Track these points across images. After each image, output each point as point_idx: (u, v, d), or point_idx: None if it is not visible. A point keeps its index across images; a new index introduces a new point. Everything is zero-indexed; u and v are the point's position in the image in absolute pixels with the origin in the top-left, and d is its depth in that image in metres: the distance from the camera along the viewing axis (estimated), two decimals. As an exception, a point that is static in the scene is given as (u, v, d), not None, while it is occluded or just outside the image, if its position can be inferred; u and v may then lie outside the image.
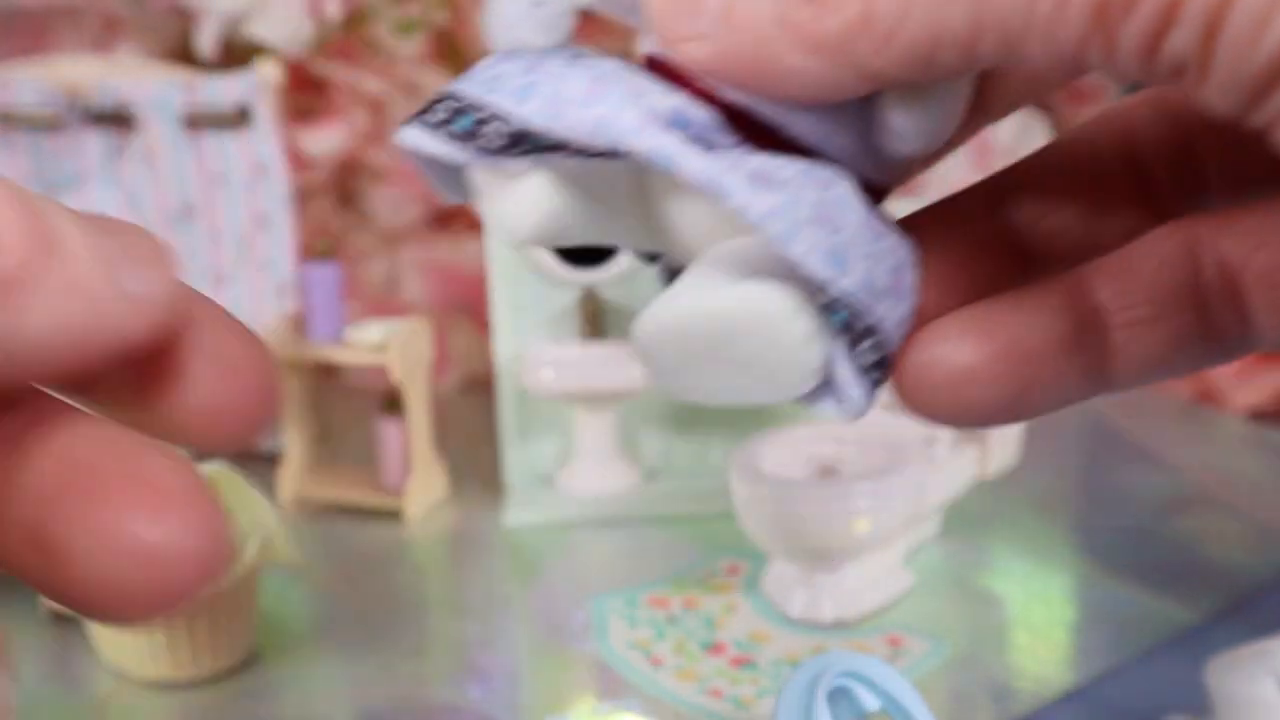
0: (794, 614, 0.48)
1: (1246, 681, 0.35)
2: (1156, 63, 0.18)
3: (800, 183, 0.24)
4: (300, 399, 0.60)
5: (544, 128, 0.25)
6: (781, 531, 0.47)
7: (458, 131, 0.25)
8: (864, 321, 0.24)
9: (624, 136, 0.24)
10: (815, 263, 0.23)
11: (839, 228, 0.24)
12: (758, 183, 0.24)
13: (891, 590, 0.49)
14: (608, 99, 0.24)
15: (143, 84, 0.62)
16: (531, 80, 0.25)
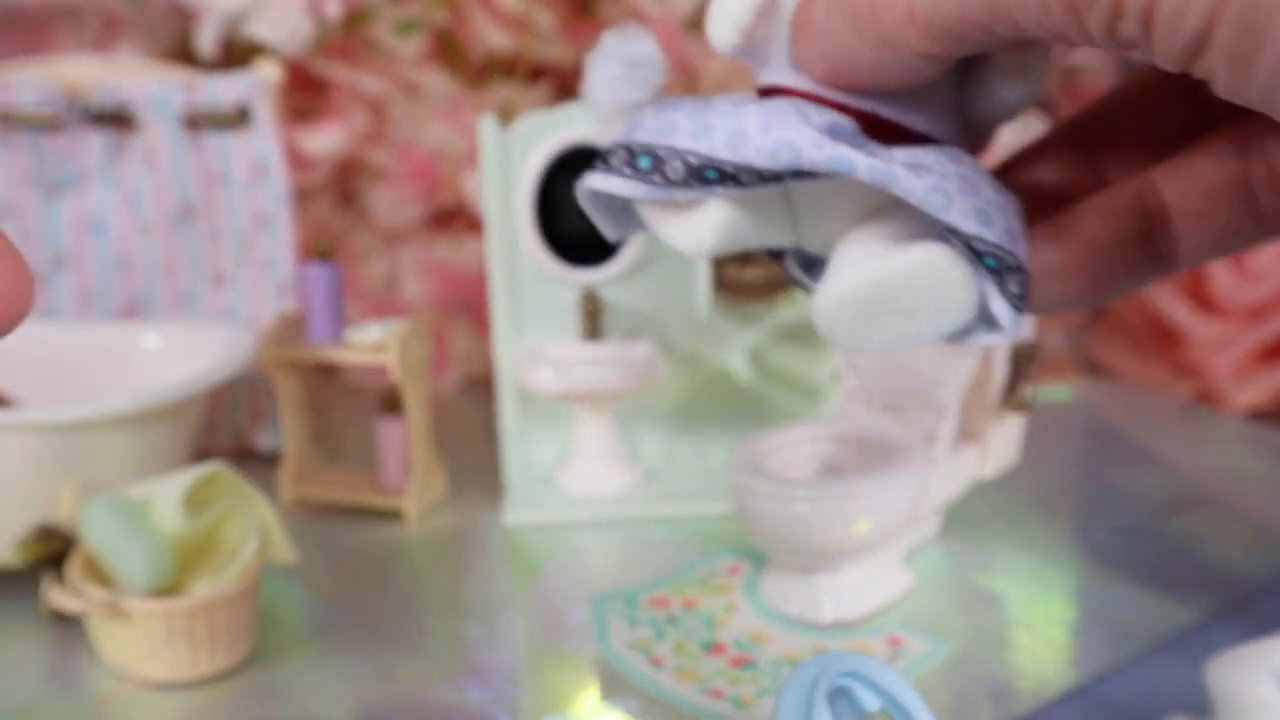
0: (793, 614, 0.48)
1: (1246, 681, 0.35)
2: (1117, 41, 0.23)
3: (942, 164, 0.31)
4: (300, 399, 0.60)
5: (728, 157, 0.31)
6: (781, 531, 0.47)
7: (641, 169, 0.32)
8: (1010, 261, 0.31)
9: (805, 151, 0.30)
10: (970, 224, 0.30)
11: (978, 192, 0.31)
12: (913, 170, 0.30)
13: (891, 590, 0.49)
14: (784, 124, 0.31)
15: (143, 84, 0.62)
16: (707, 121, 0.32)
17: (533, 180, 0.57)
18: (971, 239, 0.31)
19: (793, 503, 0.46)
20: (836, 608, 0.48)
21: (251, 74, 0.62)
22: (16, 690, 0.45)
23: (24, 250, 0.65)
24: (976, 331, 0.32)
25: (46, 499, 0.48)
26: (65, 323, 0.61)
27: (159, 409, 0.49)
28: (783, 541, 0.47)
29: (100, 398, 0.48)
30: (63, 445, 0.47)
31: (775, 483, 0.47)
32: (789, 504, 0.46)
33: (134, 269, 0.65)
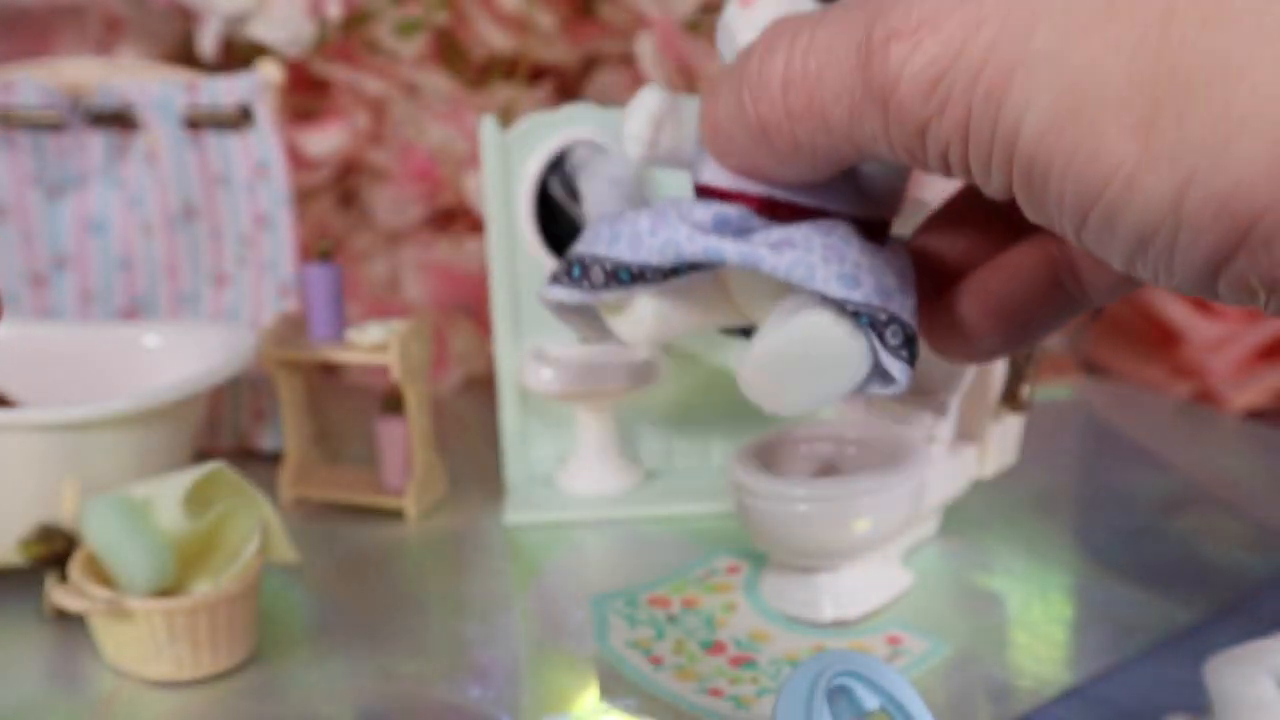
0: (792, 613, 0.48)
1: (1245, 680, 0.35)
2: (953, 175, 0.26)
3: (809, 239, 0.34)
4: (301, 399, 0.60)
5: (630, 259, 0.36)
6: (780, 531, 0.47)
7: (573, 278, 0.37)
8: (883, 315, 0.34)
9: (681, 247, 0.35)
10: (833, 288, 0.34)
11: (844, 258, 0.34)
12: (778, 248, 0.34)
13: (891, 589, 0.49)
14: (665, 225, 0.35)
15: (145, 85, 0.62)
16: (617, 229, 0.36)
17: (533, 181, 0.57)
18: (841, 302, 0.34)
19: (792, 503, 0.46)
20: (836, 607, 0.48)
21: (253, 75, 0.62)
22: (19, 689, 0.45)
23: (26, 250, 0.65)
24: (873, 383, 0.35)
25: (48, 499, 0.48)
26: (67, 323, 0.61)
27: (160, 409, 0.49)
28: (782, 541, 0.47)
29: (102, 398, 0.48)
30: (65, 445, 0.47)
31: (774, 482, 0.47)
32: (788, 504, 0.46)
33: (135, 269, 0.65)
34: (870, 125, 0.26)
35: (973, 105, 0.23)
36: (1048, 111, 0.22)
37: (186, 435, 0.52)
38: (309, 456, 0.61)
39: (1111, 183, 0.21)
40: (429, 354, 0.59)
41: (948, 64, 0.24)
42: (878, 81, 0.25)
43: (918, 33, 0.24)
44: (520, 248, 0.57)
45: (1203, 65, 0.20)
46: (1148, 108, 0.21)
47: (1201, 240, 0.21)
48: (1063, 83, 0.22)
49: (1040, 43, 0.22)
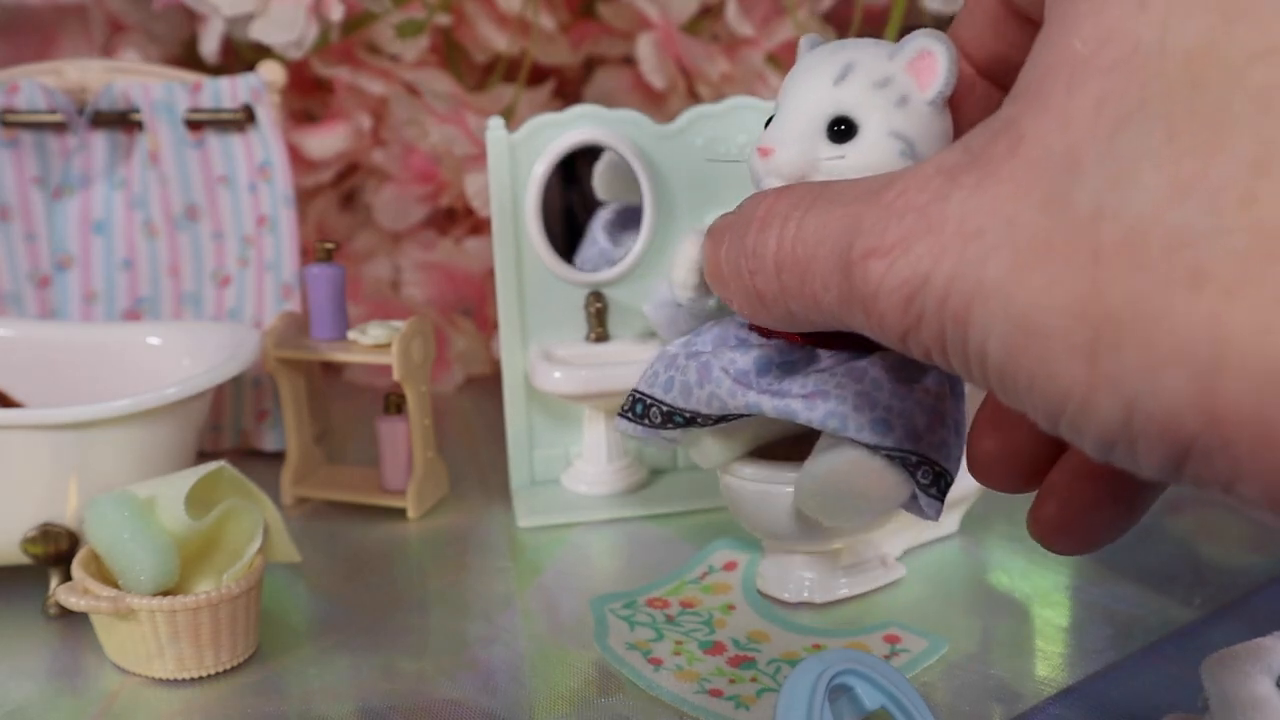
0: (785, 599, 0.49)
1: (1242, 679, 0.35)
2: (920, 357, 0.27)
3: (842, 385, 0.38)
4: (303, 399, 0.60)
5: (684, 406, 0.41)
6: (764, 515, 0.47)
7: (637, 414, 0.42)
8: (913, 459, 0.37)
9: (724, 402, 0.40)
10: (865, 435, 0.37)
11: (875, 404, 0.38)
12: (809, 400, 0.38)
13: (873, 581, 0.50)
14: (710, 379, 0.40)
15: (147, 86, 0.62)
16: (670, 375, 0.42)
17: (538, 182, 0.57)
18: (874, 449, 0.37)
19: (781, 485, 0.47)
20: (801, 589, 0.49)
21: (255, 76, 0.62)
22: (21, 687, 0.45)
23: (30, 251, 0.65)
24: (914, 510, 0.39)
25: (51, 498, 0.48)
26: (70, 323, 0.62)
27: (163, 409, 0.49)
28: (767, 525, 0.48)
29: (105, 398, 0.48)
30: (67, 444, 0.47)
31: (758, 466, 0.47)
32: (775, 486, 0.47)
33: (138, 270, 0.65)
34: (857, 320, 0.28)
35: (944, 325, 0.25)
36: (1005, 340, 0.24)
37: (189, 435, 0.52)
38: (311, 456, 0.61)
39: (1069, 404, 0.23)
40: (430, 354, 0.59)
41: (919, 285, 0.25)
42: (859, 292, 0.27)
43: (891, 253, 0.26)
44: (526, 248, 0.58)
45: (1127, 306, 0.22)
46: (1089, 340, 0.22)
47: (1155, 451, 0.22)
48: (1014, 314, 0.23)
49: (992, 276, 0.24)
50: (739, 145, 0.58)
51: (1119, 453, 0.23)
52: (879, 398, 0.38)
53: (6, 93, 0.62)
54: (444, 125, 0.71)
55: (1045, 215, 0.23)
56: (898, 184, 0.26)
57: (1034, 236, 0.23)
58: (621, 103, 0.74)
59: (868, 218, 0.27)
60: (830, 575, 0.49)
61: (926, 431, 0.38)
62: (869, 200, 0.27)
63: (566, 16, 0.77)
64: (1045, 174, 0.23)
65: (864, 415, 0.38)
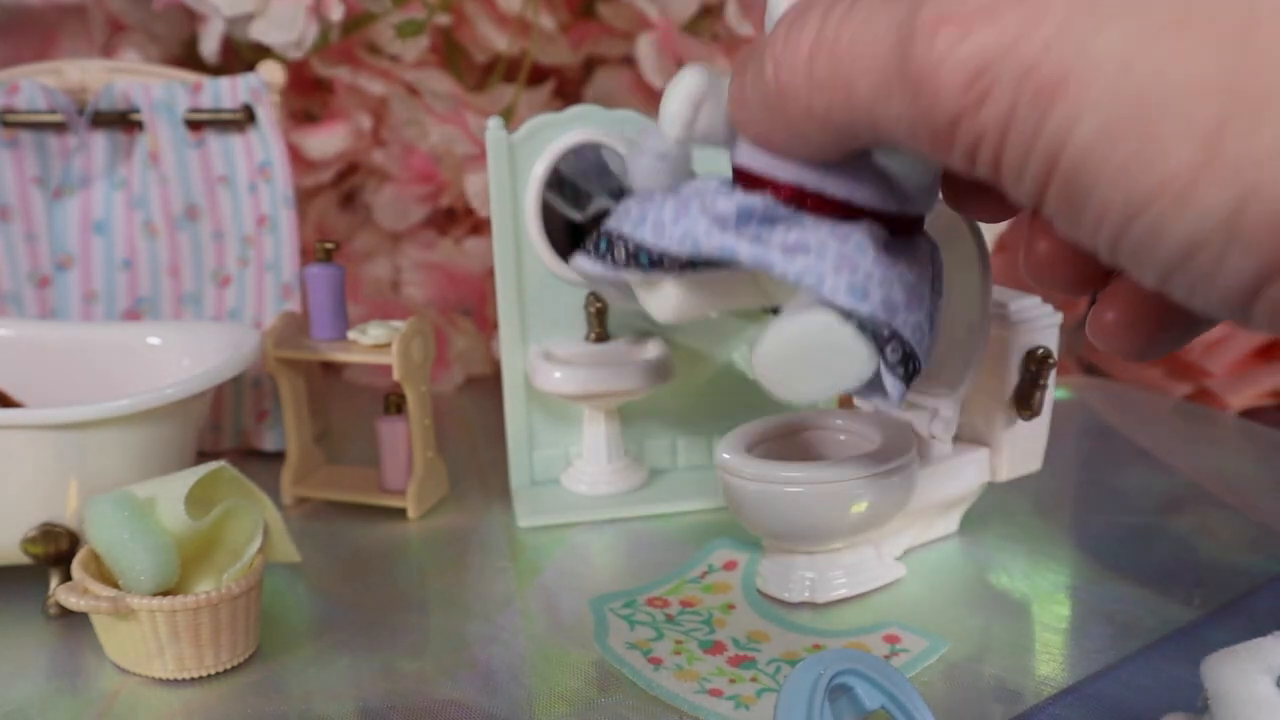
0: (785, 598, 0.49)
1: (1242, 678, 0.35)
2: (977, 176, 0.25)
3: (824, 243, 0.35)
4: (303, 398, 0.60)
5: (652, 243, 0.38)
6: (765, 514, 0.47)
7: (599, 252, 0.39)
8: (885, 331, 0.35)
9: (698, 241, 0.36)
10: (841, 298, 0.34)
11: (856, 268, 0.35)
12: (790, 252, 0.35)
13: (872, 581, 0.50)
14: (688, 215, 0.37)
15: (148, 86, 0.62)
16: (644, 211, 0.38)
17: (538, 182, 0.57)
18: (845, 310, 0.35)
19: (781, 485, 0.47)
20: (803, 589, 0.49)
21: (255, 76, 0.62)
22: (21, 686, 0.45)
23: (30, 251, 0.65)
24: (874, 395, 0.37)
25: (51, 498, 0.48)
26: (70, 323, 0.62)
27: (163, 408, 0.49)
28: (767, 525, 0.48)
29: (105, 398, 0.48)
30: (68, 444, 0.47)
31: (759, 465, 0.47)
32: (775, 485, 0.47)
33: (138, 270, 0.65)
34: (897, 106, 0.25)
35: (1018, 103, 0.23)
36: (1105, 117, 0.21)
37: (189, 435, 0.52)
38: (311, 456, 0.61)
39: (1166, 193, 0.21)
40: (430, 354, 0.59)
41: (998, 55, 0.23)
42: (917, 62, 0.24)
43: (971, 20, 0.23)
44: (526, 248, 0.58)
45: (1279, 79, 0.20)
46: (1218, 117, 0.20)
47: (1252, 256, 0.20)
48: (1127, 88, 0.21)
49: (1105, 46, 0.21)
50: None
51: (1198, 263, 0.21)
52: (860, 262, 0.35)
53: (7, 93, 0.62)
54: (444, 125, 0.71)
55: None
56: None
57: (1174, 8, 0.21)
58: (621, 103, 0.74)
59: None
60: (830, 575, 0.49)
61: (904, 308, 0.36)
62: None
63: (566, 16, 0.77)
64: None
65: (842, 277, 0.35)
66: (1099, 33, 0.22)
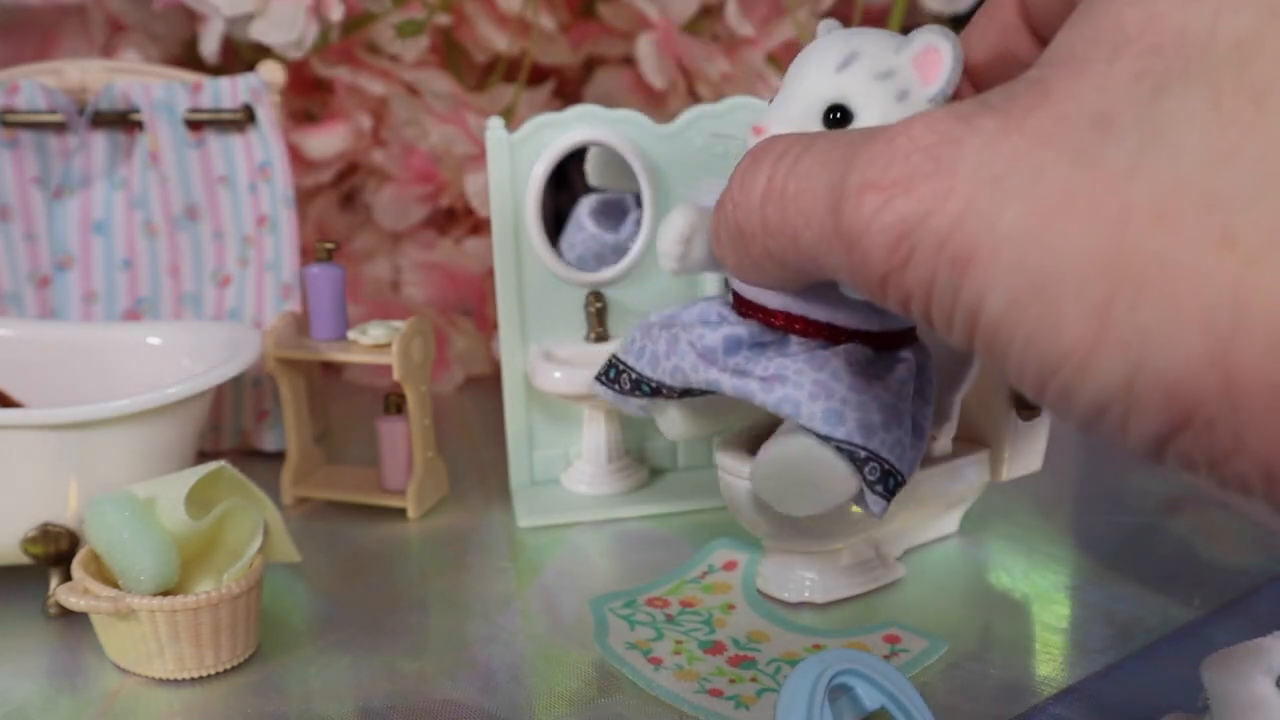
0: (785, 598, 0.49)
1: (1242, 678, 0.35)
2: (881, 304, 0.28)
3: (801, 374, 0.38)
4: (303, 399, 0.60)
5: (650, 375, 0.42)
6: (771, 514, 0.47)
7: (609, 379, 0.45)
8: (862, 454, 0.37)
9: (687, 375, 0.40)
10: (818, 425, 0.37)
11: (831, 394, 0.38)
12: (768, 384, 0.38)
13: (872, 582, 0.50)
14: (676, 352, 0.41)
15: (148, 86, 0.62)
16: (643, 344, 0.43)
17: (538, 182, 0.57)
18: (823, 436, 0.38)
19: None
20: (802, 589, 0.49)
21: (255, 76, 0.62)
22: (22, 687, 0.45)
23: (30, 251, 0.65)
24: (863, 504, 0.40)
25: (51, 498, 0.48)
26: (70, 323, 0.62)
27: (164, 409, 0.49)
28: (766, 525, 0.48)
29: (105, 398, 0.48)
30: (68, 444, 0.47)
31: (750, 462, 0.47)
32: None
33: (138, 270, 0.65)
34: (835, 258, 0.28)
35: (937, 270, 0.25)
36: (1011, 289, 0.23)
37: (190, 435, 0.52)
38: (311, 456, 0.61)
39: (1069, 361, 0.23)
40: (430, 354, 0.59)
41: (915, 224, 0.25)
42: (846, 223, 0.26)
43: (890, 190, 0.25)
44: (526, 248, 0.58)
45: (1152, 264, 0.22)
46: (1105, 294, 0.22)
47: (1150, 418, 0.22)
48: (1028, 263, 0.23)
49: (1008, 225, 0.23)
50: (738, 145, 0.58)
51: (1109, 419, 0.23)
52: (835, 388, 0.38)
53: (7, 93, 0.62)
54: (444, 125, 0.71)
55: (1075, 169, 0.23)
56: (905, 126, 0.26)
57: (1061, 188, 0.23)
58: (621, 103, 0.74)
59: (867, 153, 0.26)
60: (831, 575, 0.49)
61: (881, 428, 0.38)
62: (872, 138, 0.27)
63: (566, 16, 0.77)
64: (1075, 130, 0.23)
65: (818, 404, 0.38)
66: (1000, 211, 0.24)
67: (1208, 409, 0.21)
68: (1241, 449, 0.21)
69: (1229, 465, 0.22)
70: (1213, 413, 0.21)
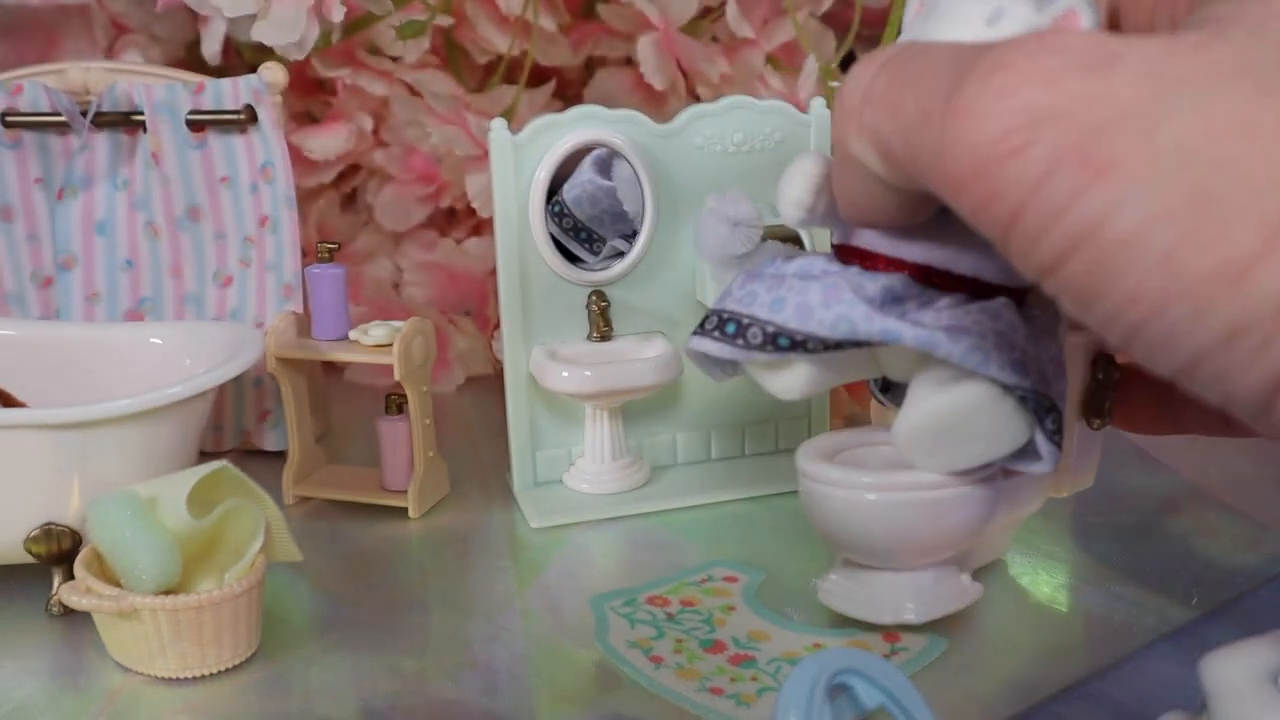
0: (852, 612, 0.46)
1: (1240, 678, 0.35)
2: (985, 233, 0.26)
3: (981, 324, 0.36)
4: (304, 399, 0.61)
5: (796, 327, 0.38)
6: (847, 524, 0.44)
7: (728, 334, 0.40)
8: (1044, 403, 0.37)
9: (860, 325, 0.37)
10: (1006, 375, 0.36)
11: (1013, 345, 0.36)
12: (953, 333, 0.36)
13: (958, 600, 0.46)
14: (841, 300, 0.37)
15: (150, 87, 0.62)
16: (780, 295, 0.39)
17: (542, 183, 0.57)
18: (1009, 387, 0.36)
19: (861, 491, 0.43)
20: (895, 611, 0.45)
21: (257, 77, 0.62)
22: (24, 685, 0.45)
23: (33, 252, 0.65)
24: (1024, 462, 0.39)
25: (54, 497, 0.48)
26: (73, 323, 0.62)
27: (166, 408, 0.49)
28: (846, 535, 0.44)
29: (108, 398, 0.48)
30: (70, 444, 0.48)
31: (845, 471, 0.43)
32: (858, 493, 0.43)
33: (140, 270, 0.65)
34: (931, 134, 0.25)
35: (1056, 171, 0.22)
36: (1160, 201, 0.21)
37: (191, 435, 0.52)
38: (312, 456, 0.61)
39: (1221, 275, 0.21)
40: (431, 354, 0.59)
41: (1045, 116, 0.23)
42: (963, 97, 0.24)
43: (1029, 76, 0.23)
44: (529, 249, 0.58)
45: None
46: (1279, 211, 0.21)
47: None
48: (1189, 177, 0.21)
49: (1168, 138, 0.22)
50: (735, 144, 0.58)
51: (1239, 347, 0.21)
52: (1016, 339, 0.37)
53: (9, 94, 0.62)
54: (445, 126, 0.72)
55: (1259, 94, 0.21)
56: (1060, 30, 0.24)
57: (1241, 111, 0.22)
58: (622, 103, 0.74)
59: (1012, 42, 0.24)
60: (927, 594, 0.45)
61: (1054, 379, 0.38)
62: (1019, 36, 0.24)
63: (567, 18, 0.77)
64: (1257, 66, 0.22)
65: (1004, 354, 0.36)
66: (1161, 124, 0.22)
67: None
68: None
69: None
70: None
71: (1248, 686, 0.35)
